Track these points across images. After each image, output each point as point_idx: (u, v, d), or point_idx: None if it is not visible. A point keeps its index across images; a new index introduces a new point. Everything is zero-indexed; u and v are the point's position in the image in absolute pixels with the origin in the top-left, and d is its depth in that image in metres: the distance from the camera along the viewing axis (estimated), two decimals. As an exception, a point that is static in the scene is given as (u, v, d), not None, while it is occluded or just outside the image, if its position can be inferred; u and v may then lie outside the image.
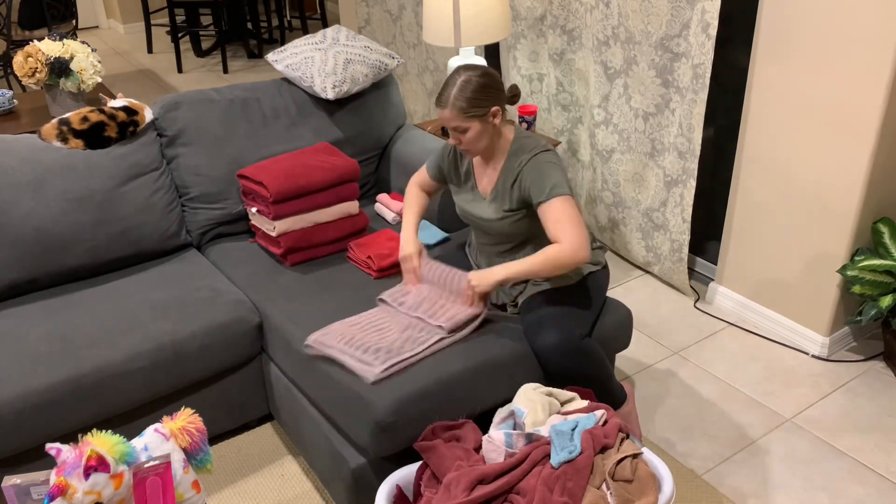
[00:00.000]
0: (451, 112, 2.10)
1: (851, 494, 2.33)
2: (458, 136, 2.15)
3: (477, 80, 2.09)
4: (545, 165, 2.15)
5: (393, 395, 2.01)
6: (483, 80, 2.10)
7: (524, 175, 2.16)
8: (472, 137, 2.14)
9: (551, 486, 1.78)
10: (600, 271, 2.34)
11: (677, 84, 2.94)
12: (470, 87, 2.08)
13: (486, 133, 2.15)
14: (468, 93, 2.08)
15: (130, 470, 1.60)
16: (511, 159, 2.21)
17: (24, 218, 2.43)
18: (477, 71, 2.11)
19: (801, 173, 2.73)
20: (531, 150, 2.18)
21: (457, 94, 2.09)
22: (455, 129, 2.14)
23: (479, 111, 2.10)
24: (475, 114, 2.10)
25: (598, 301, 2.31)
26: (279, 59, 2.98)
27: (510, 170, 2.21)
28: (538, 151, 2.17)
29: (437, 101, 2.14)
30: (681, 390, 2.75)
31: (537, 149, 2.18)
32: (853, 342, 2.96)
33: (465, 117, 2.10)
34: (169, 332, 2.30)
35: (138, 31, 7.23)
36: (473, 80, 2.09)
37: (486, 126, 2.14)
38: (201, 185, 2.75)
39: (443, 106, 2.11)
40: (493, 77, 2.13)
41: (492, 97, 2.12)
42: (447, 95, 2.10)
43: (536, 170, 2.14)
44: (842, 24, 2.45)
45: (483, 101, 2.10)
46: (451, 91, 2.10)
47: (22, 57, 3.07)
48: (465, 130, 2.13)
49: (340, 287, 2.48)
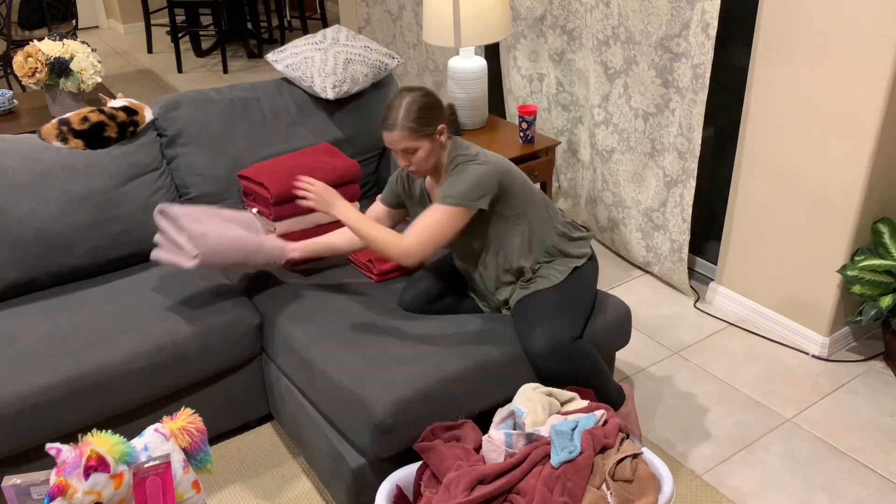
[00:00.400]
0: (401, 133, 2.12)
1: (851, 494, 2.33)
2: (409, 158, 2.16)
3: (422, 101, 2.13)
4: (464, 176, 2.14)
5: (392, 397, 2.01)
6: (427, 99, 2.14)
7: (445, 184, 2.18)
8: (421, 157, 2.15)
9: (551, 486, 1.78)
10: (586, 264, 2.33)
11: (677, 84, 2.94)
12: (416, 107, 2.11)
13: (434, 151, 2.18)
14: (415, 113, 2.11)
15: (130, 470, 1.60)
16: (448, 173, 2.22)
17: (24, 218, 2.43)
18: (419, 91, 2.15)
19: (801, 173, 2.73)
20: (456, 161, 2.19)
21: (405, 114, 2.11)
22: (405, 151, 2.15)
23: (428, 129, 2.13)
24: (424, 132, 2.13)
25: (587, 297, 2.30)
26: (279, 59, 2.98)
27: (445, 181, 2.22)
28: (458, 163, 2.18)
29: (384, 124, 2.14)
30: (681, 390, 2.75)
31: (465, 158, 2.18)
32: (853, 342, 2.96)
33: (415, 137, 2.12)
34: (169, 332, 2.30)
35: (138, 31, 7.23)
36: (418, 100, 2.12)
37: (434, 144, 2.16)
38: (201, 185, 2.75)
39: (391, 128, 2.12)
40: (434, 96, 2.17)
41: (437, 115, 2.15)
42: (395, 117, 2.12)
43: (452, 178, 2.16)
44: (842, 24, 2.45)
45: (430, 119, 2.13)
46: (398, 113, 2.12)
47: (22, 57, 3.07)
48: (415, 151, 2.14)
49: (341, 289, 2.48)
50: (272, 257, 2.36)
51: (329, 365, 2.15)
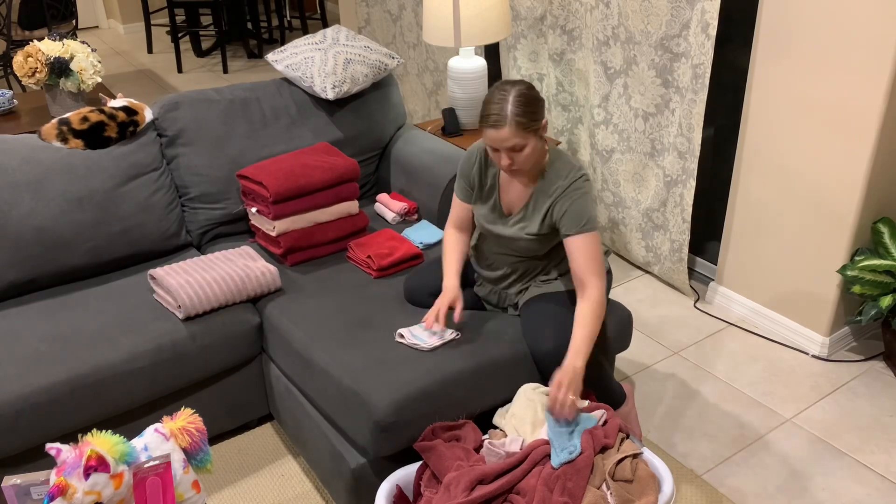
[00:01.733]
0: (511, 129, 1.97)
1: (851, 494, 2.33)
2: (512, 156, 2.03)
3: (528, 94, 1.99)
4: (582, 197, 2.08)
5: (393, 396, 2.01)
6: (533, 92, 2.00)
7: (559, 203, 2.10)
8: (527, 154, 2.03)
9: (551, 486, 1.78)
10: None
11: (677, 84, 2.94)
12: (524, 100, 1.97)
13: (539, 148, 2.06)
14: (526, 106, 1.97)
15: (130, 470, 1.60)
16: (547, 181, 2.13)
17: (24, 218, 2.43)
18: (523, 85, 2.01)
19: (801, 173, 2.73)
20: (567, 177, 2.11)
21: (514, 109, 1.96)
22: (512, 149, 2.01)
23: (537, 124, 2.01)
24: (534, 127, 2.00)
25: None
26: (279, 59, 2.98)
27: (544, 193, 2.13)
28: (575, 178, 2.10)
29: (489, 121, 1.99)
30: (681, 390, 2.75)
31: (573, 175, 2.11)
32: (853, 342, 2.96)
33: (525, 133, 1.98)
34: (169, 332, 2.30)
35: (138, 31, 7.23)
36: (525, 94, 1.98)
37: (540, 141, 2.05)
38: (201, 185, 2.75)
39: (500, 125, 1.96)
40: (535, 89, 2.04)
41: (542, 108, 2.03)
42: (505, 112, 1.96)
43: (573, 200, 2.08)
44: (842, 24, 2.45)
45: (538, 113, 2.00)
46: (506, 108, 1.96)
47: (22, 57, 3.07)
48: (523, 148, 2.01)
49: (340, 287, 2.48)
50: (263, 284, 2.43)
51: (329, 364, 2.15)
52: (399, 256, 2.54)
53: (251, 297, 2.44)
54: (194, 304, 2.31)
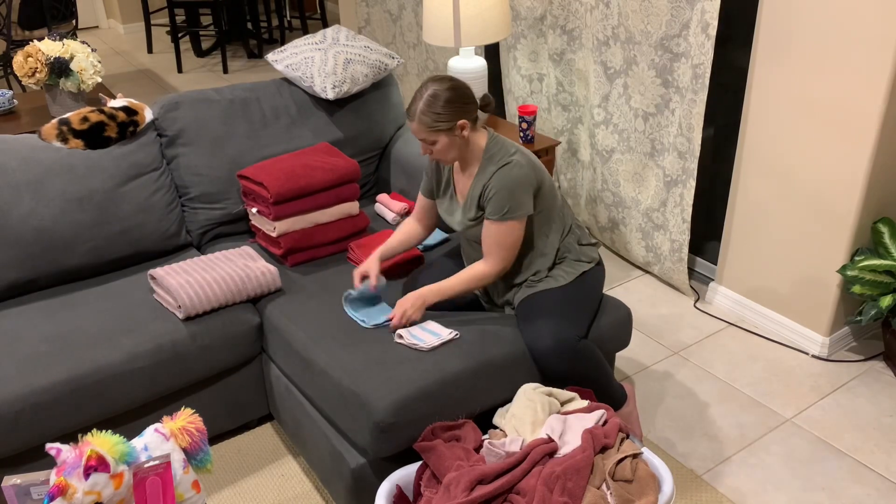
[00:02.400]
0: (418, 125, 2.13)
1: (851, 494, 2.33)
2: (428, 147, 2.17)
3: (444, 95, 2.11)
4: (509, 184, 2.14)
5: (392, 396, 2.01)
6: (450, 94, 2.11)
7: (489, 189, 2.17)
8: (440, 149, 2.16)
9: (551, 486, 1.78)
10: (595, 268, 2.34)
11: (677, 84, 2.94)
12: (437, 102, 2.10)
13: (455, 145, 2.17)
14: (435, 108, 2.10)
15: (130, 470, 1.60)
16: (482, 170, 2.21)
17: (24, 218, 2.43)
18: (444, 84, 2.12)
19: (801, 173, 2.73)
20: (499, 161, 2.18)
21: (423, 108, 2.10)
22: (424, 141, 2.16)
23: (446, 125, 2.12)
24: (441, 127, 2.12)
25: (593, 300, 2.31)
26: (279, 59, 2.98)
27: (480, 179, 2.21)
28: (504, 163, 2.17)
29: (406, 112, 2.15)
30: (681, 390, 2.75)
31: (504, 159, 2.18)
32: (853, 342, 2.96)
33: (432, 131, 2.12)
34: (169, 332, 2.30)
35: (138, 31, 7.23)
36: (440, 95, 2.11)
37: (454, 138, 2.16)
38: (201, 185, 2.75)
39: (410, 119, 2.14)
40: (461, 90, 2.14)
41: (458, 110, 2.13)
42: (414, 109, 2.12)
43: (501, 187, 2.15)
44: (842, 25, 2.45)
45: (449, 115, 2.12)
46: (417, 105, 2.11)
47: (22, 57, 3.07)
48: (434, 142, 2.15)
49: (341, 287, 2.47)
50: (263, 284, 2.43)
51: (329, 364, 2.15)
52: (399, 258, 2.54)
53: (251, 297, 2.44)
54: (194, 304, 2.31)
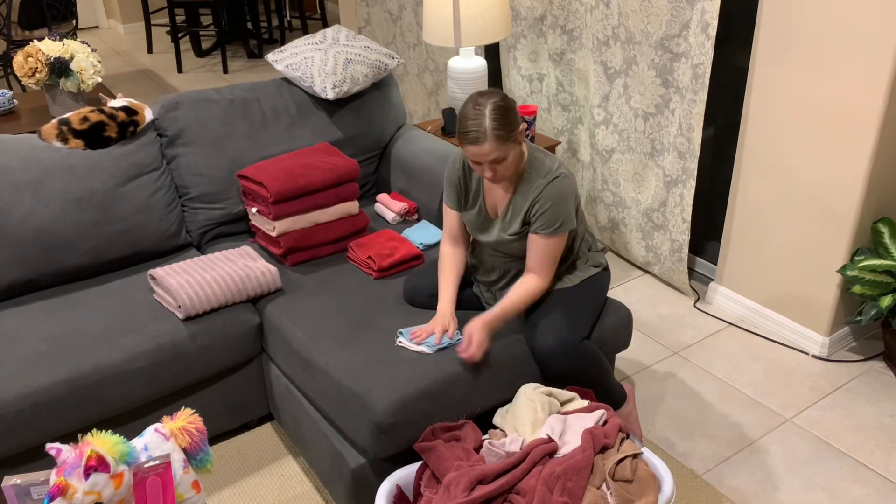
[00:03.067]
0: (491, 144, 1.98)
1: (851, 494, 2.33)
2: (494, 168, 2.04)
3: (504, 105, 2.00)
4: (561, 198, 2.11)
5: (393, 396, 2.01)
6: (507, 102, 2.01)
7: (540, 203, 2.12)
8: (509, 163, 2.05)
9: (551, 486, 1.78)
10: (601, 273, 2.34)
11: (677, 84, 2.94)
12: (500, 113, 1.98)
13: (519, 156, 2.09)
14: (504, 119, 1.99)
15: (130, 470, 1.60)
16: (526, 182, 2.15)
17: (24, 218, 2.43)
18: (497, 96, 2.01)
19: (801, 173, 2.73)
20: (547, 175, 2.13)
21: (492, 124, 1.97)
22: (494, 161, 2.02)
23: (515, 134, 2.02)
24: (513, 138, 2.02)
25: (597, 303, 2.31)
26: (279, 59, 2.98)
27: (526, 192, 2.14)
28: (554, 177, 2.12)
29: (468, 137, 1.99)
30: (681, 390, 2.75)
31: (552, 173, 2.12)
32: (853, 342, 2.96)
33: (505, 145, 2.00)
34: (169, 332, 2.30)
35: (138, 31, 7.23)
36: (501, 106, 1.99)
37: (519, 148, 2.07)
38: (201, 185, 2.75)
39: (481, 141, 1.97)
40: (511, 99, 2.06)
41: (517, 116, 2.05)
42: (483, 128, 1.97)
43: (553, 201, 2.10)
44: (842, 25, 2.45)
45: (515, 122, 2.02)
46: (484, 123, 1.97)
47: (22, 57, 3.07)
48: (504, 159, 2.03)
49: (340, 287, 2.48)
50: (263, 284, 2.43)
51: (329, 364, 2.15)
52: (400, 257, 2.54)
53: (251, 297, 2.44)
54: (194, 304, 2.31)
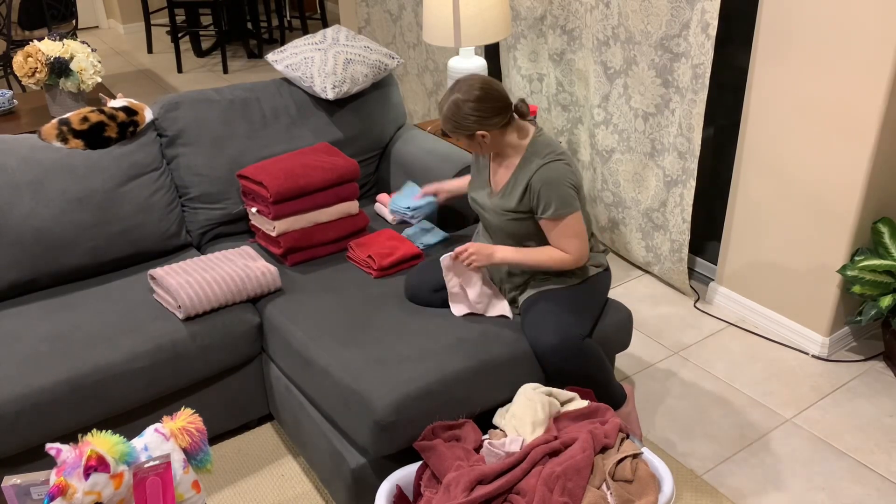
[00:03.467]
0: (443, 126, 2.20)
1: (851, 494, 2.33)
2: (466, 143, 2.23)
3: (468, 105, 2.12)
4: (556, 180, 2.15)
5: (393, 395, 2.01)
6: (474, 104, 2.12)
7: (534, 185, 2.16)
8: (476, 145, 2.21)
9: (551, 486, 1.78)
10: (602, 273, 2.34)
11: (677, 84, 2.94)
12: (459, 113, 2.13)
13: (477, 145, 2.21)
14: (457, 118, 2.14)
15: (130, 470, 1.60)
16: (525, 163, 2.20)
17: (24, 218, 2.43)
18: (471, 94, 2.12)
19: (801, 173, 2.73)
20: (546, 156, 2.18)
21: (447, 115, 2.15)
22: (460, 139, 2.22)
23: (465, 132, 2.16)
24: (461, 134, 2.18)
25: (599, 303, 2.31)
26: (279, 59, 2.98)
27: (522, 173, 2.20)
28: (551, 159, 2.17)
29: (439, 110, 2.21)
30: (681, 390, 2.75)
31: (550, 156, 2.17)
32: (853, 342, 2.96)
33: (456, 134, 2.19)
34: (169, 332, 2.30)
35: (138, 31, 7.23)
36: (463, 106, 2.12)
37: (473, 143, 2.20)
38: (201, 185, 2.75)
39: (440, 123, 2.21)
40: (484, 101, 2.12)
41: (479, 120, 2.14)
42: (441, 114, 2.18)
43: (548, 183, 2.15)
44: (842, 24, 2.45)
45: (469, 125, 2.15)
46: (442, 110, 2.17)
47: (22, 57, 3.07)
48: (467, 141, 2.21)
49: (341, 287, 2.48)
50: (263, 284, 2.43)
51: (330, 363, 2.15)
52: (399, 256, 2.54)
53: (251, 297, 2.44)
54: (194, 304, 2.32)
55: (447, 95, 2.15)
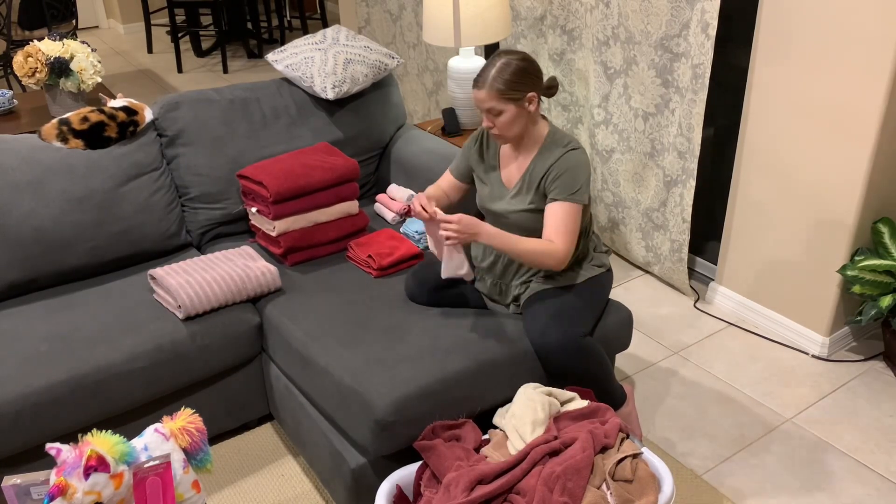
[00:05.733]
0: (488, 93, 2.09)
1: (851, 494, 2.33)
2: (493, 119, 2.14)
3: (517, 64, 2.10)
4: (578, 166, 2.16)
5: (393, 395, 2.01)
6: (522, 64, 2.11)
7: (555, 169, 2.16)
8: (506, 121, 2.13)
9: (551, 486, 1.78)
10: (604, 274, 2.34)
11: (677, 84, 2.94)
12: (509, 70, 2.08)
13: (521, 118, 2.15)
14: (507, 75, 2.08)
15: (130, 470, 1.60)
16: (545, 151, 2.20)
17: (24, 218, 2.43)
18: (517, 55, 2.12)
19: (801, 173, 2.73)
20: (566, 145, 2.19)
21: (495, 74, 2.08)
22: (489, 111, 2.13)
23: (516, 94, 2.10)
24: (512, 96, 2.10)
25: (600, 303, 2.31)
26: (279, 59, 2.98)
27: (542, 161, 2.20)
28: (572, 148, 2.18)
29: (475, 81, 2.12)
30: (681, 390, 2.76)
31: (572, 144, 2.19)
32: (853, 342, 2.96)
33: (502, 99, 2.09)
34: (169, 332, 2.30)
35: (138, 31, 7.23)
36: (513, 64, 2.10)
37: (522, 111, 2.14)
38: (201, 185, 2.75)
39: (480, 86, 2.10)
40: (533, 63, 2.14)
41: (529, 83, 2.12)
42: (486, 76, 2.10)
43: (569, 167, 2.15)
44: (842, 24, 2.45)
45: (520, 84, 2.10)
46: (489, 72, 2.09)
47: (22, 57, 3.07)
48: (500, 113, 2.12)
49: (340, 287, 2.48)
50: (263, 284, 2.43)
51: (329, 362, 2.15)
52: (399, 256, 2.54)
53: (251, 297, 2.44)
54: (194, 304, 2.32)
55: (490, 63, 2.10)
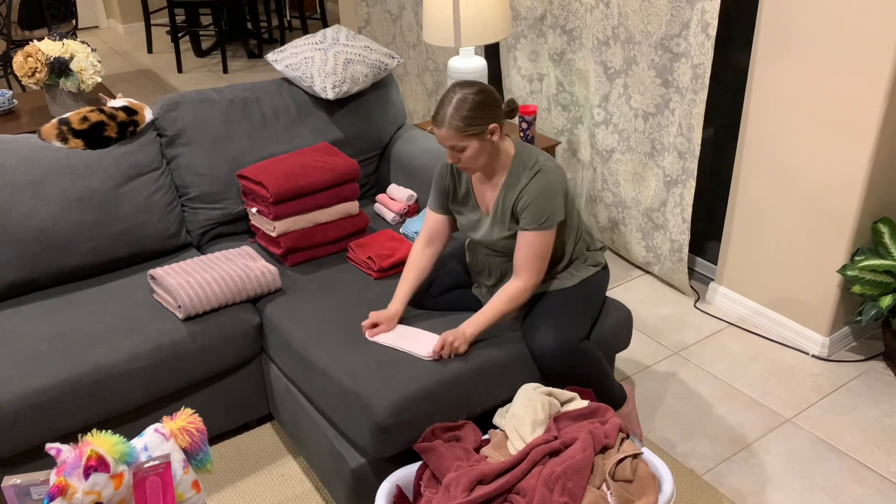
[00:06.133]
0: (448, 131, 2.05)
1: (851, 494, 2.33)
2: (457, 155, 2.10)
3: (473, 98, 2.03)
4: (544, 192, 2.11)
5: (393, 396, 2.01)
6: (479, 97, 2.04)
7: (524, 196, 2.12)
8: (470, 156, 2.09)
9: (551, 486, 1.78)
10: (600, 272, 2.34)
11: (677, 84, 2.94)
12: (466, 106, 2.03)
13: (485, 150, 2.10)
14: (464, 111, 2.03)
15: (130, 470, 1.60)
16: (512, 178, 2.16)
17: (24, 218, 2.43)
18: (473, 88, 2.06)
19: (801, 173, 2.73)
20: (532, 167, 2.13)
21: (452, 112, 2.03)
22: (452, 148, 2.09)
23: (476, 129, 2.05)
24: (472, 132, 2.05)
25: (597, 303, 2.31)
26: (279, 59, 2.98)
27: (512, 187, 2.15)
28: (537, 170, 2.12)
29: (434, 119, 2.08)
30: (681, 390, 2.75)
31: (537, 166, 2.13)
32: (853, 342, 2.96)
33: (463, 136, 2.05)
34: (169, 332, 2.30)
35: (138, 31, 7.23)
36: (469, 98, 2.03)
37: (485, 144, 2.09)
38: (201, 185, 2.75)
39: (439, 125, 2.06)
40: (490, 94, 2.07)
41: (489, 114, 2.06)
42: (443, 114, 2.05)
43: (537, 194, 2.10)
44: (842, 24, 2.45)
45: (479, 119, 2.04)
46: (447, 110, 2.04)
47: (22, 57, 3.07)
48: (463, 149, 2.08)
49: (340, 287, 2.48)
50: (263, 284, 2.43)
51: (329, 364, 2.15)
52: (400, 257, 2.54)
53: (251, 297, 2.44)
54: (194, 304, 2.32)
55: (446, 99, 2.05)
